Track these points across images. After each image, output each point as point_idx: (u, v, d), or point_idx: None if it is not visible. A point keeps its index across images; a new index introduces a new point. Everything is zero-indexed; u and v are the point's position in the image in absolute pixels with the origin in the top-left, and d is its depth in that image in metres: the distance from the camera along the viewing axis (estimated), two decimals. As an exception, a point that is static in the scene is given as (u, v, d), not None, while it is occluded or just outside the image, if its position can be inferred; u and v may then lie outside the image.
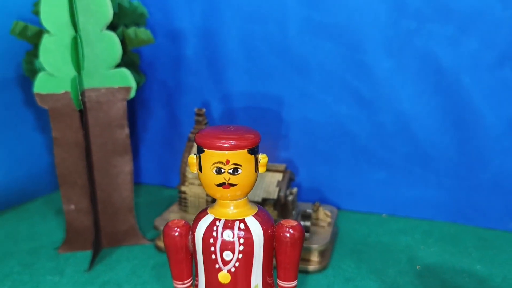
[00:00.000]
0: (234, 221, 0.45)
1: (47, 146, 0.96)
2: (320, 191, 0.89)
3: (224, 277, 0.45)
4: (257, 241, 0.45)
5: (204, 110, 0.77)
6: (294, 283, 0.48)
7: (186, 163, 0.76)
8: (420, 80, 0.79)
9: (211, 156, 0.43)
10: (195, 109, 0.77)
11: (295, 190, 0.74)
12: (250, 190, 0.46)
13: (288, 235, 0.45)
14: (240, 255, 0.45)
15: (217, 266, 0.45)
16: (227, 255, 0.45)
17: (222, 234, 0.45)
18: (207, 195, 0.74)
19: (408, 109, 0.81)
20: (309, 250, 0.67)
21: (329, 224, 0.73)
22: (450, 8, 0.75)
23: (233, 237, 0.45)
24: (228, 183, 0.43)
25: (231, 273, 0.45)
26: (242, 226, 0.45)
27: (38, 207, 0.92)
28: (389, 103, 0.82)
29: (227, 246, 0.45)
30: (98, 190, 0.73)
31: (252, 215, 0.46)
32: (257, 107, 0.89)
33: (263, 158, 0.46)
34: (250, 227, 0.45)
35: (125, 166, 0.74)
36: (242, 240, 0.45)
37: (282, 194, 0.71)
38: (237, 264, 0.45)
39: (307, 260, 0.68)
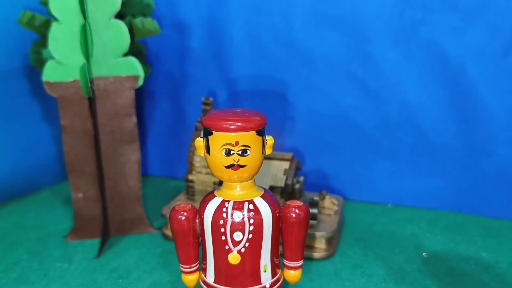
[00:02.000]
0: (243, 202, 0.46)
1: (54, 137, 0.96)
2: (326, 181, 0.89)
3: (234, 258, 0.46)
4: (266, 221, 0.46)
5: (211, 99, 0.77)
6: (300, 263, 0.49)
7: (193, 152, 0.76)
8: (425, 70, 0.80)
9: (220, 138, 0.43)
10: (203, 98, 0.78)
11: (302, 178, 0.74)
12: (257, 172, 0.46)
13: (294, 215, 0.46)
14: (250, 235, 0.45)
15: (227, 247, 0.46)
16: (238, 235, 0.45)
17: (232, 215, 0.45)
18: (214, 183, 0.75)
19: (414, 100, 0.81)
20: (316, 238, 0.68)
21: (335, 212, 0.73)
22: (455, -2, 0.75)
23: (243, 218, 0.45)
24: (238, 165, 0.44)
25: (241, 253, 0.46)
26: (251, 206, 0.45)
27: (46, 197, 0.93)
28: (394, 93, 0.82)
29: (237, 227, 0.45)
30: (106, 179, 0.74)
31: (260, 196, 0.46)
32: (263, 98, 0.89)
33: (269, 139, 0.46)
34: (259, 208, 0.46)
35: (133, 154, 0.74)
36: (252, 221, 0.45)
37: (289, 182, 0.71)
38: (247, 244, 0.46)
39: (314, 247, 0.68)
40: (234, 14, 0.88)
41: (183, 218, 0.46)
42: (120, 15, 0.72)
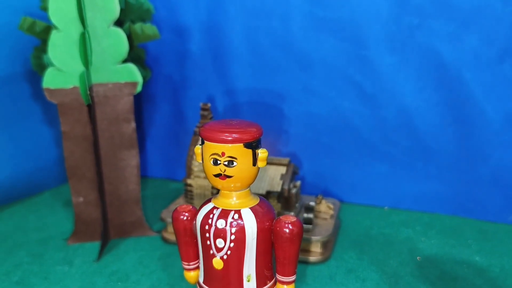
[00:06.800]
0: (229, 210, 0.47)
1: (54, 140, 0.97)
2: (323, 184, 0.91)
3: (217, 263, 0.48)
4: (249, 232, 0.47)
5: (209, 104, 0.78)
6: (292, 278, 0.49)
7: (192, 157, 0.78)
8: (421, 75, 0.80)
9: (209, 148, 0.46)
10: (201, 104, 0.79)
11: (298, 183, 0.75)
12: (251, 183, 0.47)
13: (287, 230, 0.47)
14: (232, 244, 0.47)
15: (211, 252, 0.48)
16: (220, 242, 0.47)
17: (216, 222, 0.47)
18: (212, 187, 0.76)
19: (410, 104, 0.82)
20: (312, 242, 0.69)
21: (331, 216, 0.74)
22: (451, 4, 0.76)
23: (225, 226, 0.47)
24: (224, 175, 0.46)
25: (224, 260, 0.48)
26: (236, 216, 0.47)
27: (46, 199, 0.94)
28: (391, 97, 0.83)
29: (219, 233, 0.47)
30: (105, 183, 0.75)
31: (249, 207, 0.48)
32: (261, 101, 0.90)
33: (262, 152, 0.47)
34: (244, 218, 0.47)
35: (132, 159, 0.75)
36: (233, 230, 0.47)
37: (285, 187, 0.72)
38: (229, 252, 0.47)
39: (310, 251, 0.69)
40: (233, 18, 0.88)
41: (184, 218, 0.50)
42: (119, 21, 0.73)
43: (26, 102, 0.91)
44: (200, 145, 0.47)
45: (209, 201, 0.50)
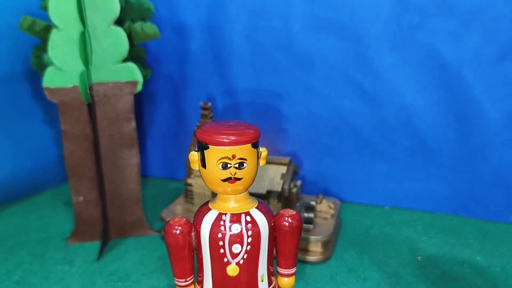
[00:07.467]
0: (240, 214, 0.46)
1: (55, 139, 0.97)
2: (324, 183, 0.90)
3: (232, 269, 0.46)
4: (263, 232, 0.46)
5: (210, 104, 0.78)
6: (293, 270, 0.50)
7: (192, 156, 0.77)
8: (422, 74, 0.80)
9: (216, 152, 0.43)
10: (201, 103, 0.79)
11: (299, 182, 0.75)
12: (252, 184, 0.47)
13: (287, 224, 0.47)
14: (249, 247, 0.46)
15: (225, 259, 0.46)
16: (236, 248, 0.46)
17: (230, 228, 0.45)
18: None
19: (411, 103, 0.82)
20: (312, 241, 0.68)
21: (332, 216, 0.74)
22: (452, 3, 0.75)
23: (241, 230, 0.45)
24: (234, 178, 0.44)
25: (240, 265, 0.46)
26: (248, 218, 0.46)
27: (47, 199, 0.94)
28: (392, 97, 0.83)
29: (236, 239, 0.45)
30: (106, 182, 0.75)
31: (255, 207, 0.47)
32: (262, 101, 0.90)
33: (263, 151, 0.47)
34: (256, 219, 0.46)
35: (132, 158, 0.75)
36: (250, 232, 0.46)
37: (286, 186, 0.72)
38: (245, 256, 0.46)
39: (310, 251, 0.69)
40: (233, 18, 0.88)
41: (178, 232, 0.46)
42: (119, 20, 0.73)
43: (26, 102, 0.91)
44: (197, 151, 0.45)
45: (207, 207, 0.48)
